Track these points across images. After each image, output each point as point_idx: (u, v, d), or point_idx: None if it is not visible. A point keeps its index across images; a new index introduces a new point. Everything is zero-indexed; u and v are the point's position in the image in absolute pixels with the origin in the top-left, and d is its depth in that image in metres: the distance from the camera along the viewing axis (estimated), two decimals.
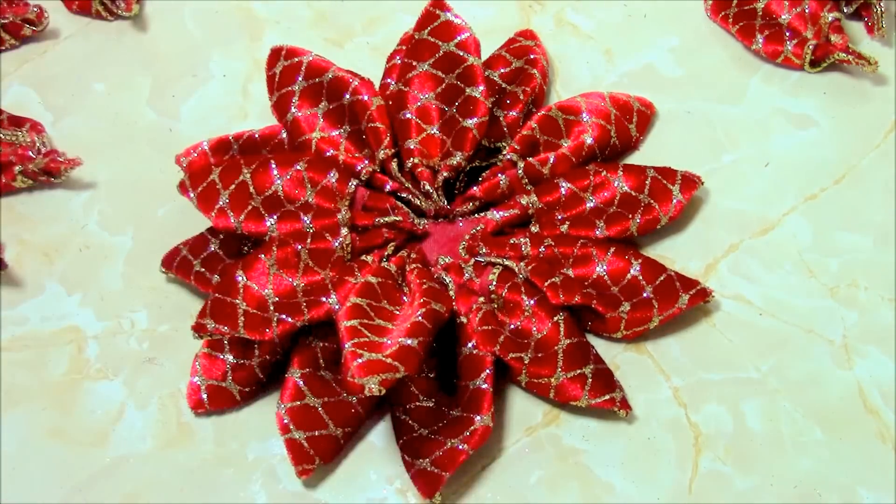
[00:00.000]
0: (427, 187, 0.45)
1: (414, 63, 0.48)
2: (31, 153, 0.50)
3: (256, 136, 0.49)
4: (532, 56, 0.52)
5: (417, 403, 0.43)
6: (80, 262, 0.49)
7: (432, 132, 0.46)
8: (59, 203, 0.51)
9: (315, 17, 0.58)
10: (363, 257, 0.44)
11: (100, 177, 0.51)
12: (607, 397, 0.43)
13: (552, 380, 0.43)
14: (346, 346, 0.40)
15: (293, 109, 0.48)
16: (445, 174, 0.45)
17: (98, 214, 0.50)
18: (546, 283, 0.44)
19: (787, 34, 0.55)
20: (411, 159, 0.45)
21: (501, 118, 0.50)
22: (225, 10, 0.59)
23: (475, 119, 0.47)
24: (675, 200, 0.47)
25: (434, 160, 0.46)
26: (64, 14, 0.58)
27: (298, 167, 0.45)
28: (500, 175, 0.47)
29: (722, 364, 0.45)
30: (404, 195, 0.45)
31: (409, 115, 0.46)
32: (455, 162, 0.45)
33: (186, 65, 0.56)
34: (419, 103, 0.46)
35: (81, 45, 0.57)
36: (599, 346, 0.45)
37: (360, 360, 0.39)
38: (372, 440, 0.44)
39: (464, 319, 0.44)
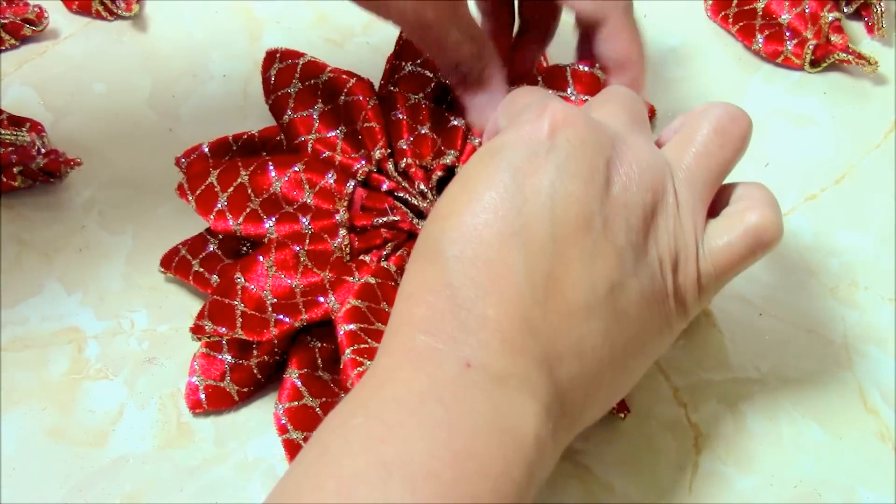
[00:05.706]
0: (422, 187, 0.45)
1: (403, 63, 0.48)
2: (32, 153, 0.50)
3: (256, 136, 0.49)
4: None
5: None
6: (80, 261, 0.49)
7: (423, 132, 0.46)
8: (59, 203, 0.51)
9: (315, 18, 0.58)
10: (361, 257, 0.44)
11: (100, 177, 0.51)
12: None
13: None
14: (346, 352, 0.40)
15: (289, 112, 0.48)
16: (440, 173, 0.45)
17: (98, 214, 0.50)
18: None
19: (787, 34, 0.55)
20: (404, 159, 0.45)
21: None
22: (225, 9, 0.58)
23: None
24: None
25: (426, 160, 0.45)
26: (64, 14, 0.58)
27: (296, 168, 0.45)
28: None
29: (722, 364, 0.45)
30: (402, 195, 0.45)
31: (400, 115, 0.46)
32: (448, 161, 0.45)
33: (186, 65, 0.56)
34: (409, 103, 0.46)
35: (81, 45, 0.57)
36: None
37: (360, 369, 0.39)
38: None
39: None
